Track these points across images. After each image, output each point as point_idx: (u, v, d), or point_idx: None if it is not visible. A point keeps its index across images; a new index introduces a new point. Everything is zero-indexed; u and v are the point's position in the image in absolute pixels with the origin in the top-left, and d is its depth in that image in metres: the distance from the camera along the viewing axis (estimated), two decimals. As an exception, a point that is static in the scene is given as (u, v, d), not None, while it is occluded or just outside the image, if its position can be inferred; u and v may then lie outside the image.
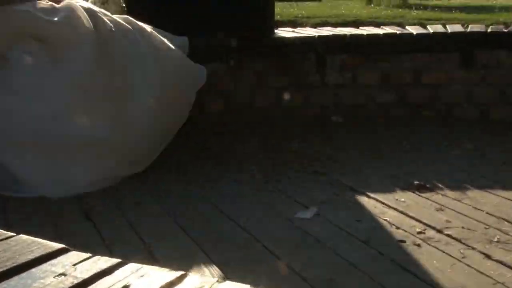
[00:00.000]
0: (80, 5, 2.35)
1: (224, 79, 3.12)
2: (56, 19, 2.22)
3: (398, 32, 3.30)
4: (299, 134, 3.07)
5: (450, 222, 1.92)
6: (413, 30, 3.39)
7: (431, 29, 3.40)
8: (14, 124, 2.15)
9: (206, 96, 3.05)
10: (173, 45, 2.67)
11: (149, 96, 2.39)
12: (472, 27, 3.41)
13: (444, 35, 3.26)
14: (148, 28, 2.59)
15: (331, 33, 3.33)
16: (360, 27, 3.71)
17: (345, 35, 3.26)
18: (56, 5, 2.31)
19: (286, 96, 3.22)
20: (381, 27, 3.68)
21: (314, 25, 16.33)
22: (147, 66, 2.42)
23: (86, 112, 2.21)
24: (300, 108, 3.30)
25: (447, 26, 3.49)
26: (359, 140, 2.97)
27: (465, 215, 1.98)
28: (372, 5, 24.09)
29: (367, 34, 3.27)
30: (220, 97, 3.15)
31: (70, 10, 2.28)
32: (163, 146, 2.51)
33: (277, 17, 5.24)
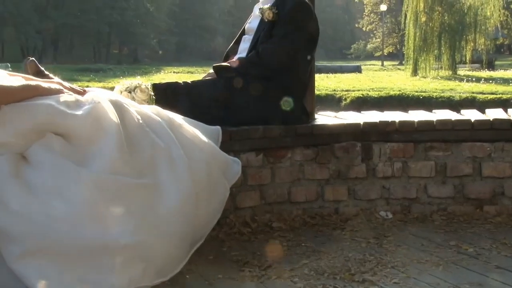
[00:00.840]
0: (105, 97, 2.42)
1: (259, 171, 3.13)
2: (80, 113, 2.28)
3: (453, 118, 3.28)
4: (344, 233, 3.02)
5: None
6: (470, 116, 3.38)
7: (490, 114, 3.38)
8: (31, 227, 2.16)
9: (239, 190, 3.05)
10: (205, 135, 2.70)
11: (178, 195, 2.39)
12: (538, 111, 3.38)
13: (507, 122, 3.22)
14: (177, 118, 2.64)
15: (377, 119, 3.33)
16: (409, 111, 3.71)
17: (393, 122, 3.26)
18: (81, 98, 2.38)
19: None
20: (433, 111, 3.67)
21: (355, 99, 16.57)
22: (176, 161, 2.44)
23: (110, 214, 2.21)
24: (344, 203, 3.27)
25: (509, 110, 3.47)
26: (413, 240, 2.89)
27: None
28: (418, 77, 24.41)
29: (418, 121, 3.26)
30: (255, 191, 3.14)
31: (95, 103, 2.34)
32: (193, 251, 2.49)
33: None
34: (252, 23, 3.35)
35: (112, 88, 3.03)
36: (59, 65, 36.85)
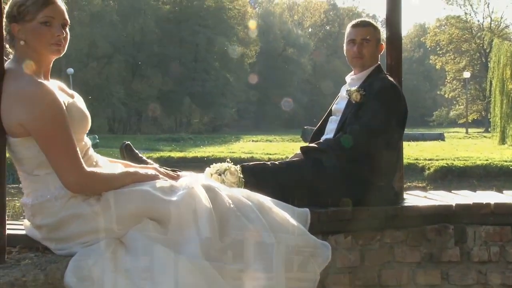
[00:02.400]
0: (198, 181, 2.51)
1: (348, 253, 3.09)
2: (174, 199, 2.37)
3: (554, 200, 3.16)
4: (439, 321, 2.91)
5: None
6: None
7: None
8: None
9: (328, 273, 3.02)
10: (294, 218, 2.72)
11: (268, 279, 2.41)
12: None
13: None
14: (267, 202, 2.68)
15: (471, 201, 3.24)
16: (504, 191, 3.60)
17: (488, 204, 3.16)
18: (175, 183, 2.48)
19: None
20: (530, 190, 3.55)
21: (438, 169, 16.05)
22: (266, 245, 2.47)
23: (201, 299, 2.25)
24: (438, 287, 3.16)
25: None
26: (515, 332, 2.75)
27: None
28: (506, 145, 23.34)
29: (516, 203, 3.15)
30: (344, 274, 3.09)
31: (189, 188, 2.43)
32: None
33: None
34: (339, 104, 3.40)
35: (192, 158, 3.12)
36: (142, 135, 38.44)
